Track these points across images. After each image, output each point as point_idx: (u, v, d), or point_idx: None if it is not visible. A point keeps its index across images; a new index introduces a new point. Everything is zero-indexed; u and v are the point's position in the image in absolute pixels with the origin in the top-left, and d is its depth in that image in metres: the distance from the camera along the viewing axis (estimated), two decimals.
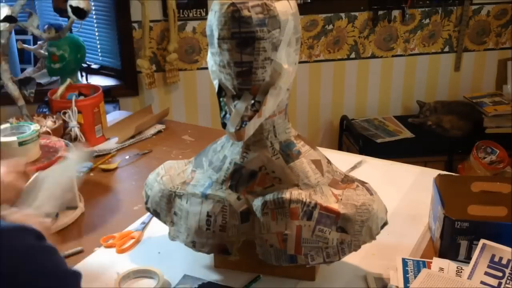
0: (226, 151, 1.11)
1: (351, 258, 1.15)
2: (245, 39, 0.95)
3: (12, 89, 1.80)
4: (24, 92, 1.86)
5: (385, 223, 1.12)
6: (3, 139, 1.30)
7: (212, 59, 1.03)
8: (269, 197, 1.06)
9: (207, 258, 1.21)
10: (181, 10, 2.88)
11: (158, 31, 2.91)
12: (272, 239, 1.06)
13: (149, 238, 1.33)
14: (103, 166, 1.69)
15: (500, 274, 1.08)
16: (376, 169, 1.64)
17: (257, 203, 1.07)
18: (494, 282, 1.08)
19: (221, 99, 1.03)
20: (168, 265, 1.21)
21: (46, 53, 2.42)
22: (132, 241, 1.30)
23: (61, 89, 1.86)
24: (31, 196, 1.05)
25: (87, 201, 1.47)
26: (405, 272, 1.14)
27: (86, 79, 2.94)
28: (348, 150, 2.97)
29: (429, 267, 1.15)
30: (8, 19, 1.74)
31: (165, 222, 1.18)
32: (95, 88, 1.90)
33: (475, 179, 1.32)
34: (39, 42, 2.90)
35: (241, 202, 1.08)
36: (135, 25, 2.90)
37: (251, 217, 1.08)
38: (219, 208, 1.08)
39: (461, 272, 1.13)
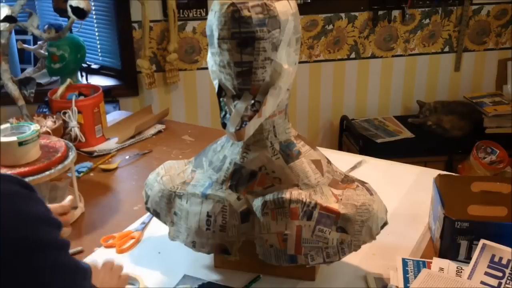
0: (226, 151, 1.11)
1: (351, 258, 1.15)
2: (245, 39, 0.95)
3: (12, 89, 1.80)
4: (24, 92, 1.86)
5: (385, 223, 1.12)
6: (3, 139, 1.30)
7: (212, 59, 1.03)
8: (269, 197, 1.06)
9: (207, 258, 1.21)
10: (181, 10, 2.88)
11: (158, 31, 2.91)
12: (272, 239, 1.06)
13: (149, 238, 1.33)
14: (103, 166, 1.69)
15: (500, 274, 1.08)
16: (376, 169, 1.64)
17: (257, 203, 1.07)
18: (494, 282, 1.08)
19: (221, 99, 1.03)
20: (168, 265, 1.21)
21: (46, 53, 2.42)
22: (132, 241, 1.30)
23: (61, 89, 1.86)
24: None
25: (87, 201, 1.47)
26: (405, 272, 1.14)
27: (86, 79, 2.94)
28: (348, 150, 2.97)
29: (429, 267, 1.15)
30: (8, 19, 1.74)
31: (165, 222, 1.18)
32: (95, 88, 1.90)
33: (475, 179, 1.32)
34: (39, 42, 2.89)
35: (241, 202, 1.08)
36: (135, 25, 2.90)
37: (251, 217, 1.08)
38: (219, 208, 1.08)
39: (461, 272, 1.13)
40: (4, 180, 0.74)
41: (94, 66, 3.10)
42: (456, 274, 1.13)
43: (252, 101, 1.00)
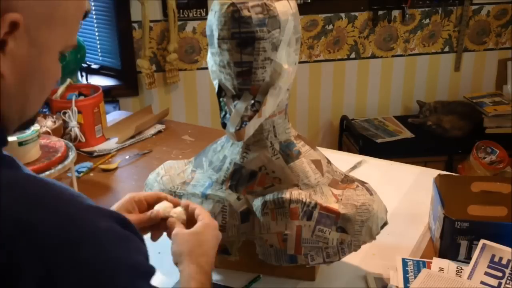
0: (226, 151, 1.11)
1: (351, 258, 1.15)
2: (245, 39, 0.95)
3: None
4: None
5: (385, 223, 1.12)
6: None
7: (212, 59, 1.03)
8: (269, 197, 1.06)
9: None
10: (181, 10, 2.88)
11: (158, 31, 2.91)
12: (272, 239, 1.05)
13: (149, 238, 1.32)
14: (103, 166, 1.69)
15: (500, 274, 1.08)
16: (376, 169, 1.64)
17: (257, 203, 1.07)
18: (494, 282, 1.08)
19: (221, 99, 1.03)
20: (168, 265, 1.21)
21: None
22: None
23: (61, 89, 1.86)
24: None
25: None
26: (405, 272, 1.14)
27: (86, 79, 2.94)
28: (348, 150, 2.97)
29: (429, 267, 1.15)
30: None
31: None
32: (95, 88, 1.90)
33: (475, 179, 1.32)
34: None
35: (241, 202, 1.08)
36: (135, 25, 2.90)
37: (251, 217, 1.08)
38: (219, 208, 1.08)
39: (461, 272, 1.13)
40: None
41: (94, 66, 3.10)
42: (456, 274, 1.13)
43: (252, 101, 0.99)
